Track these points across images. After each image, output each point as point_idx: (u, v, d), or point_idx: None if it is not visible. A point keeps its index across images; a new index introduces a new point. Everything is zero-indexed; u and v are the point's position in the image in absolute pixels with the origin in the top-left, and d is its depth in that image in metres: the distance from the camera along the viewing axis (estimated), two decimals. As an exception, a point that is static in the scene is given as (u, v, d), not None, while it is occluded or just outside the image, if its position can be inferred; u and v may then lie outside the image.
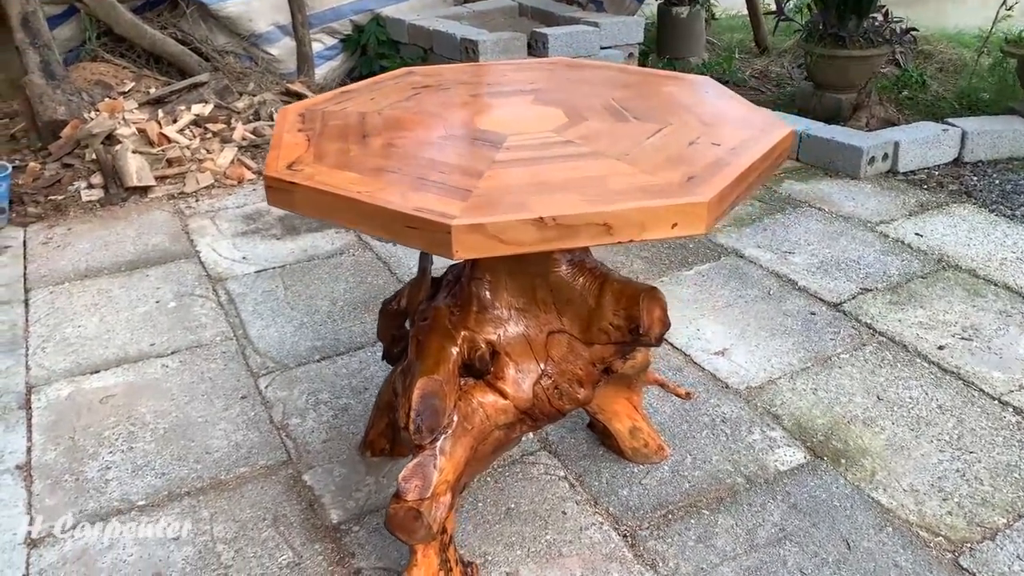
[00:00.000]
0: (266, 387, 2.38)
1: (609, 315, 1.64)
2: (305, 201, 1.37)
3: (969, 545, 1.80)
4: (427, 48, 5.22)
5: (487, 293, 1.66)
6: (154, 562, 1.79)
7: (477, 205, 1.26)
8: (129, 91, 4.56)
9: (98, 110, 4.20)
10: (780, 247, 3.15)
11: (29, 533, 1.87)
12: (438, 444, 1.56)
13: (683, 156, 1.43)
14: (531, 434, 2.15)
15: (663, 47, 5.70)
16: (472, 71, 2.00)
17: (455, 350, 1.62)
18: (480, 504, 1.94)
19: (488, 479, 2.01)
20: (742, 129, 1.55)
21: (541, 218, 1.22)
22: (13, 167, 3.92)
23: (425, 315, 1.71)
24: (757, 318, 2.68)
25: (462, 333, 1.64)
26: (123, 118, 4.15)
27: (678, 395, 2.09)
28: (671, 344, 2.55)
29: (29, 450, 2.14)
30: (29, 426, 2.23)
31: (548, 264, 1.64)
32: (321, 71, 5.59)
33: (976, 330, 2.57)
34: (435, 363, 1.60)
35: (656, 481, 2.00)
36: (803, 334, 2.58)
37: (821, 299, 2.78)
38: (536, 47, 4.94)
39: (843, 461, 2.05)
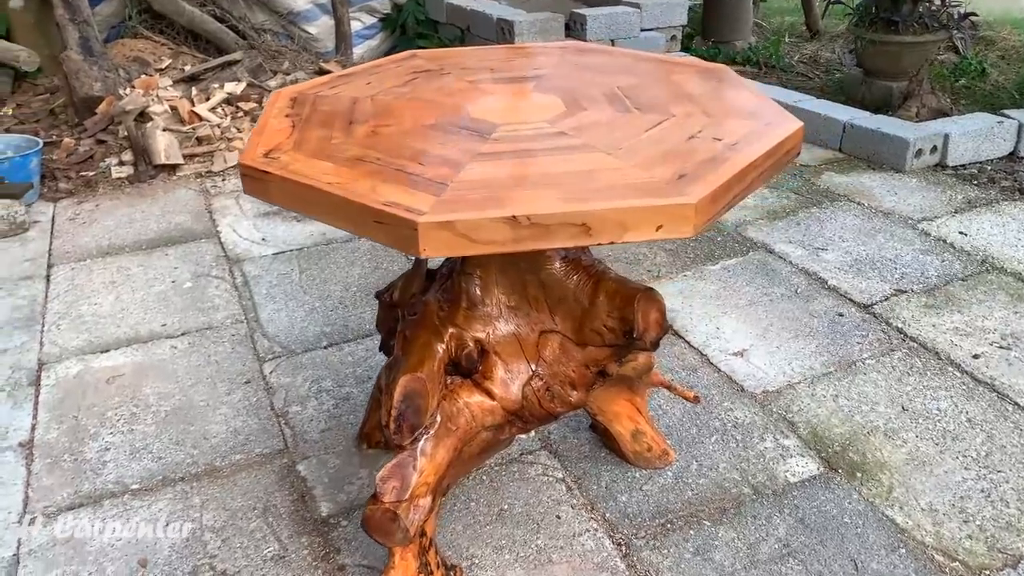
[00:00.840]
0: (270, 372, 2.36)
1: (603, 316, 1.56)
2: (279, 191, 1.32)
3: (988, 572, 1.68)
4: (464, 28, 5.15)
5: (477, 289, 1.59)
6: (142, 548, 1.78)
7: (451, 200, 1.19)
8: (166, 68, 4.58)
9: (133, 87, 4.23)
10: (813, 243, 3.01)
11: (23, 513, 1.88)
12: (419, 445, 1.51)
13: (680, 151, 1.33)
14: (532, 432, 2.09)
15: (708, 30, 5.52)
16: (477, 56, 1.92)
17: (441, 348, 1.56)
18: (472, 504, 1.88)
19: (483, 477, 1.95)
20: (749, 122, 1.45)
21: (514, 217, 1.15)
22: (49, 142, 3.97)
23: (415, 309, 1.66)
24: (781, 318, 2.56)
25: (450, 330, 1.58)
26: (157, 95, 4.17)
27: (686, 398, 2.00)
28: (687, 343, 2.45)
29: (33, 428, 2.15)
30: (36, 403, 2.24)
31: (540, 261, 1.57)
32: (359, 50, 5.56)
33: (1016, 338, 2.41)
34: (420, 360, 1.54)
35: (658, 488, 1.92)
36: (828, 336, 2.46)
37: (851, 300, 2.64)
38: (574, 28, 4.83)
39: (859, 475, 1.94)
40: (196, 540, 1.80)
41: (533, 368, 1.61)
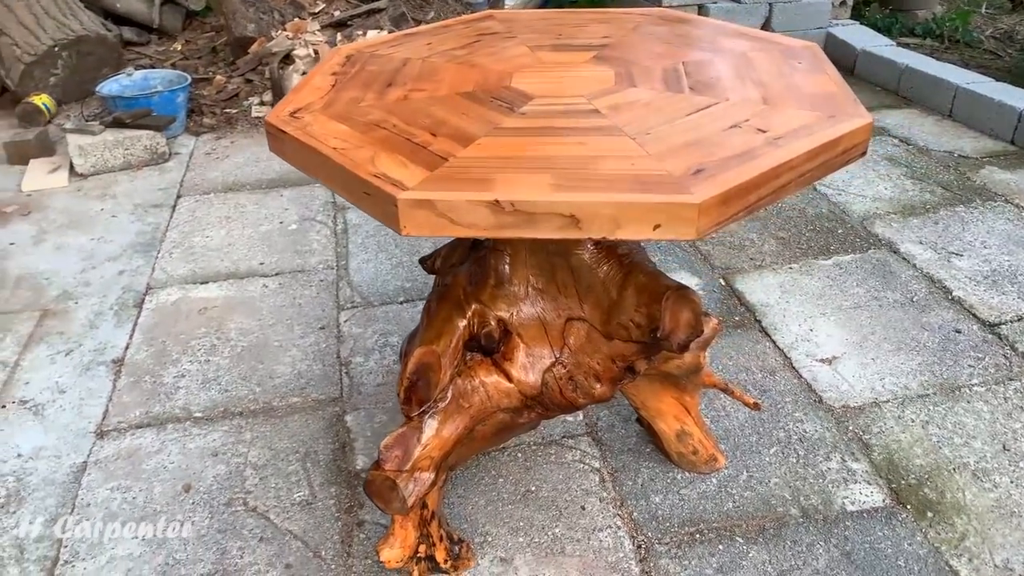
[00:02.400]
0: (345, 321, 2.42)
1: (630, 310, 1.46)
2: (292, 151, 1.32)
3: (1056, 652, 1.46)
4: (617, -16, 4.95)
5: (506, 268, 1.53)
6: (189, 474, 1.90)
7: (442, 177, 1.14)
8: (319, 12, 4.74)
9: (284, 29, 4.41)
10: (947, 246, 2.69)
11: (100, 425, 2.05)
12: (426, 418, 1.49)
13: (711, 141, 1.20)
14: (581, 415, 2.02)
15: (888, -5, 5.00)
16: (554, 18, 1.83)
17: (462, 323, 1.52)
18: (501, 480, 1.85)
19: (518, 455, 1.92)
20: (809, 113, 1.28)
21: (497, 201, 1.08)
22: (203, 79, 4.24)
23: (446, 280, 1.62)
24: (886, 327, 2.31)
25: (473, 306, 1.53)
26: (304, 39, 4.32)
27: (745, 403, 1.86)
28: (772, 342, 2.27)
29: (127, 347, 2.33)
30: (135, 325, 2.43)
31: (570, 244, 1.48)
32: (511, 2, 5.50)
33: None
34: (438, 334, 1.51)
35: (697, 493, 1.81)
36: (936, 354, 2.20)
37: (975, 315, 2.34)
38: (731, -11, 4.52)
39: (930, 514, 1.73)
40: (237, 474, 1.89)
41: (556, 355, 1.54)
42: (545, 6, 5.54)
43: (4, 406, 2.11)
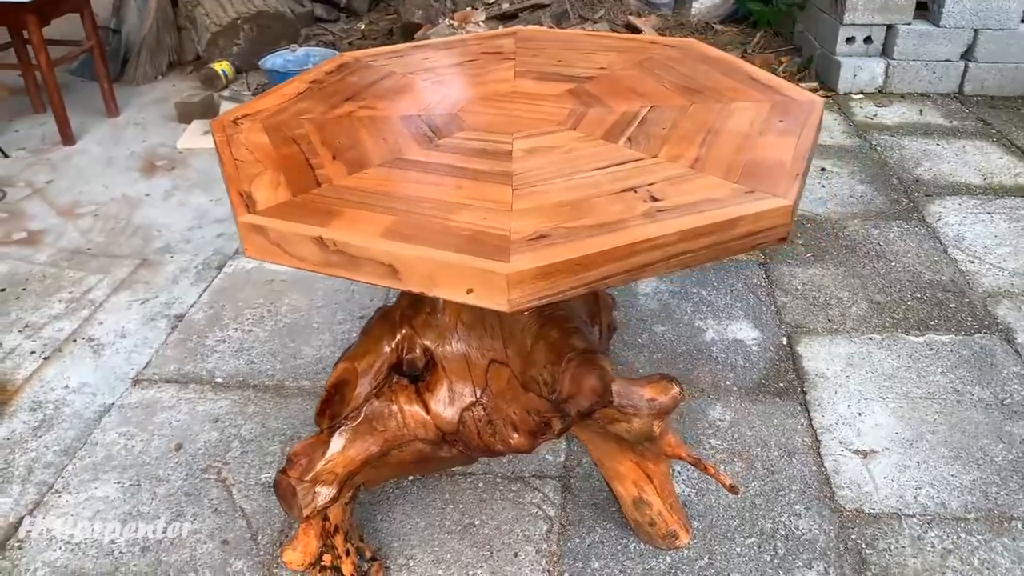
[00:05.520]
0: (385, 315, 2.47)
1: (540, 365, 1.36)
2: (219, 156, 1.36)
3: None
4: (805, -4, 4.58)
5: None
6: (187, 434, 2.04)
7: (297, 204, 1.13)
8: (492, 3, 4.82)
9: (451, 18, 4.53)
10: (1080, 345, 2.24)
11: (140, 372, 2.26)
12: (335, 434, 1.49)
13: (588, 204, 1.09)
14: (560, 455, 1.93)
15: None
16: (572, 41, 1.72)
17: (388, 347, 1.50)
18: (450, 507, 1.81)
19: (479, 484, 1.87)
20: (728, 185, 1.12)
21: (321, 238, 1.05)
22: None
23: (400, 297, 1.61)
24: (954, 428, 1.98)
25: (404, 330, 1.51)
26: (466, 29, 4.42)
27: (720, 483, 1.68)
28: (809, 419, 2.02)
29: (192, 306, 2.54)
30: (208, 287, 2.64)
31: (493, 285, 1.40)
32: (702, 4, 5.27)
33: None
34: (364, 352, 1.51)
35: (643, 570, 1.67)
36: (1002, 473, 1.85)
37: (1074, 436, 1.94)
38: (930, 7, 4.02)
39: (900, 661, 1.47)
40: (224, 444, 2.01)
41: (477, 395, 1.48)
42: (736, 13, 5.24)
43: (75, 340, 2.39)
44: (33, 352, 2.34)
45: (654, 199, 1.09)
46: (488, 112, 1.39)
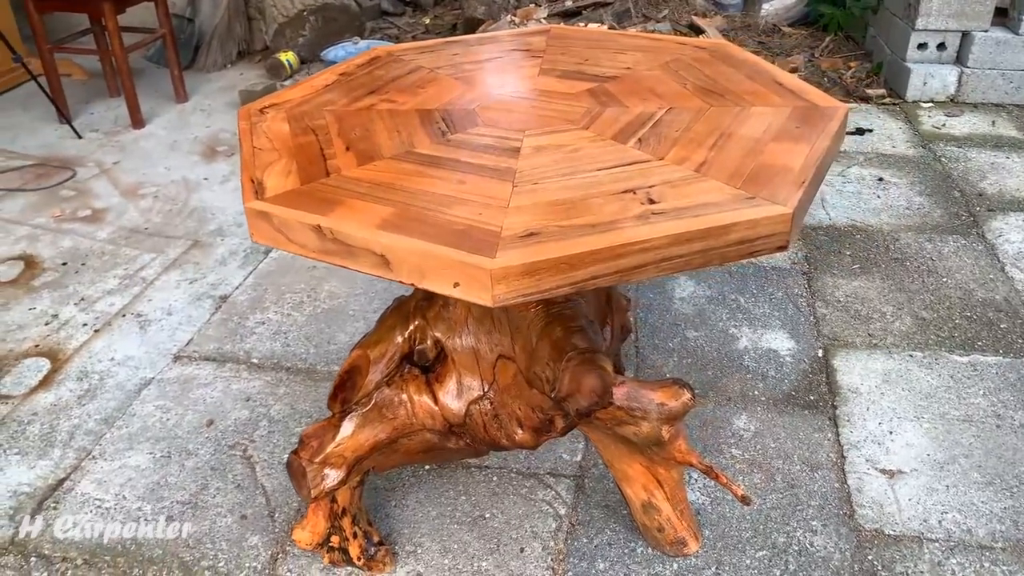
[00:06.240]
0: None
1: (542, 363, 1.37)
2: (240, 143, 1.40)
3: None
4: (880, -2, 4.43)
5: (454, 289, 1.50)
6: (220, 410, 2.12)
7: (303, 192, 1.16)
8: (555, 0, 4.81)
9: (513, 14, 4.55)
10: None
11: (183, 349, 2.35)
12: (345, 419, 1.53)
13: (585, 204, 1.09)
14: (577, 454, 1.93)
15: None
16: (602, 40, 1.72)
17: (401, 337, 1.53)
18: (463, 498, 1.83)
19: (493, 477, 1.88)
20: (728, 190, 1.10)
21: (319, 226, 1.08)
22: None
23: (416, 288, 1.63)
24: (990, 452, 1.90)
25: (416, 321, 1.53)
26: (527, 26, 4.43)
27: (732, 493, 1.65)
28: (836, 433, 1.97)
29: (237, 287, 2.63)
30: (254, 270, 2.72)
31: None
32: (772, 6, 5.16)
33: None
34: (378, 340, 1.54)
35: (648, 575, 1.65)
36: (1035, 503, 1.77)
37: (1120, 470, 1.84)
38: (1009, 13, 3.85)
39: None
40: (253, 423, 2.07)
41: (484, 389, 1.50)
42: (807, 16, 5.11)
43: (124, 315, 2.50)
44: (85, 324, 2.45)
45: (651, 201, 1.08)
46: (504, 109, 1.40)
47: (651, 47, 1.66)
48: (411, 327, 1.53)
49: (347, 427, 1.53)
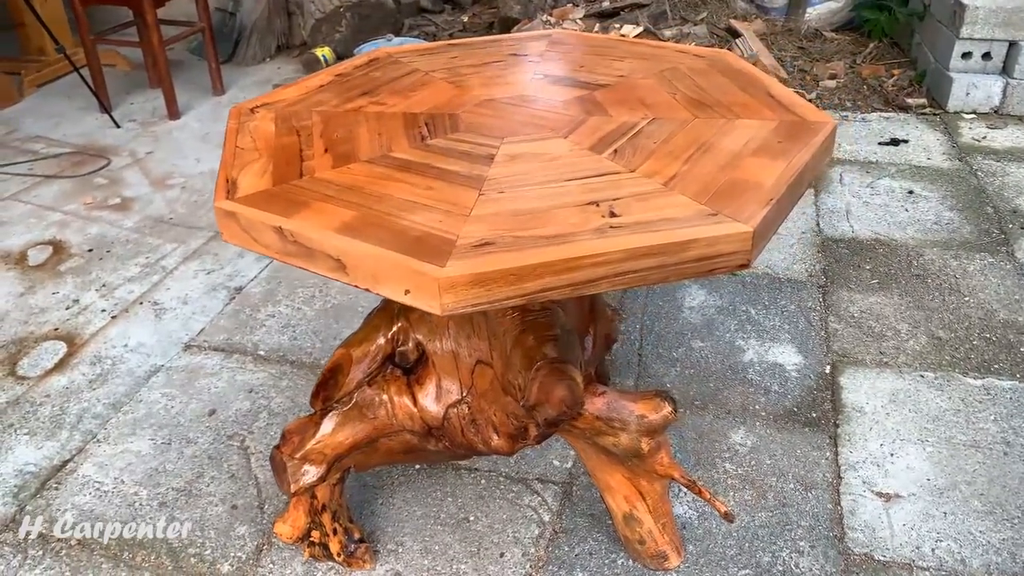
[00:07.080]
0: (428, 305, 2.52)
1: (515, 370, 1.36)
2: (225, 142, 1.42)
3: None
4: (928, 3, 4.31)
5: (436, 292, 1.51)
6: (223, 400, 2.16)
7: (273, 193, 1.18)
8: (593, 0, 4.78)
9: (549, 14, 4.54)
10: None
11: (192, 339, 2.40)
12: (326, 417, 1.55)
13: (546, 215, 1.08)
14: (568, 460, 1.92)
15: None
16: (602, 46, 1.70)
17: (383, 338, 1.54)
18: (449, 499, 1.84)
19: (481, 480, 1.88)
20: (693, 205, 1.08)
21: (280, 228, 1.09)
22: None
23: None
24: (994, 481, 1.84)
25: (400, 323, 1.54)
26: (562, 26, 4.41)
27: (716, 509, 1.63)
28: (835, 453, 1.93)
29: (252, 280, 2.67)
30: (270, 263, 2.76)
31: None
32: (816, 10, 5.05)
33: None
34: (361, 339, 1.55)
35: (626, 586, 1.64)
36: (1036, 536, 1.71)
37: None
38: (1059, 28, 3.70)
39: None
40: (254, 414, 2.11)
41: (462, 393, 1.50)
42: (852, 21, 5.00)
43: (142, 303, 2.56)
44: (104, 310, 2.52)
45: (612, 215, 1.07)
46: (488, 114, 1.40)
47: (650, 55, 1.64)
48: (395, 328, 1.54)
49: (327, 425, 1.54)
